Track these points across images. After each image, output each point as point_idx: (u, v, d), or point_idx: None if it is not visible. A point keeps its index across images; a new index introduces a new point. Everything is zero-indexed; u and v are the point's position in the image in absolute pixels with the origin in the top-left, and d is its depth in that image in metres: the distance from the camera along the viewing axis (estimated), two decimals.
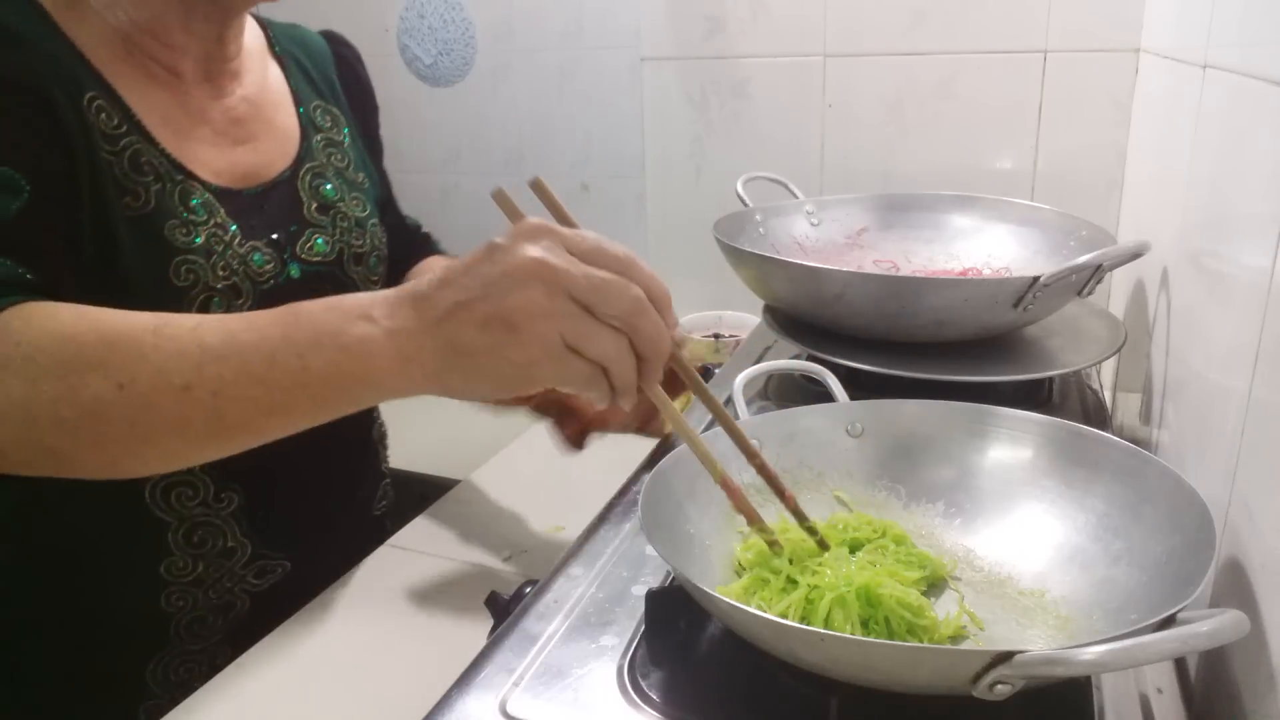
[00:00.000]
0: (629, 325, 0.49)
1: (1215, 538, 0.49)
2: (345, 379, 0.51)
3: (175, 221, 0.70)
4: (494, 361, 0.49)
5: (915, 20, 1.28)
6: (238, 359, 0.52)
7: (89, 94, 0.67)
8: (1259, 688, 0.52)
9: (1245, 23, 0.66)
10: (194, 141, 0.75)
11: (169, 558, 0.75)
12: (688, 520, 0.60)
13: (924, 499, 0.65)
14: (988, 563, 0.61)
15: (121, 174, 0.68)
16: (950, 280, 0.87)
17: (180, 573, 0.75)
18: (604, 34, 1.49)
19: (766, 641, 0.49)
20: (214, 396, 0.51)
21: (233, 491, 0.76)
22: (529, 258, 0.48)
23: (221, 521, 0.76)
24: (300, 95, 0.87)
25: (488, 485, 0.98)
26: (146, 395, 0.51)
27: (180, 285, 0.69)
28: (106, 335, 0.53)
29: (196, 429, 0.53)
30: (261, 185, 0.79)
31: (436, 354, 0.50)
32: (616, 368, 0.49)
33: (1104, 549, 0.57)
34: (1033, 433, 0.65)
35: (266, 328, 0.52)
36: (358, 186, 0.88)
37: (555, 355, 0.48)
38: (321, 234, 0.81)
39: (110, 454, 0.54)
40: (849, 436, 0.68)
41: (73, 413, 0.51)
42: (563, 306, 0.47)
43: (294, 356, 0.51)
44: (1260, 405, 0.55)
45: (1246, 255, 0.60)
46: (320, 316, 0.52)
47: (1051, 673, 0.40)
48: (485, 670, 0.54)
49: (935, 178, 1.32)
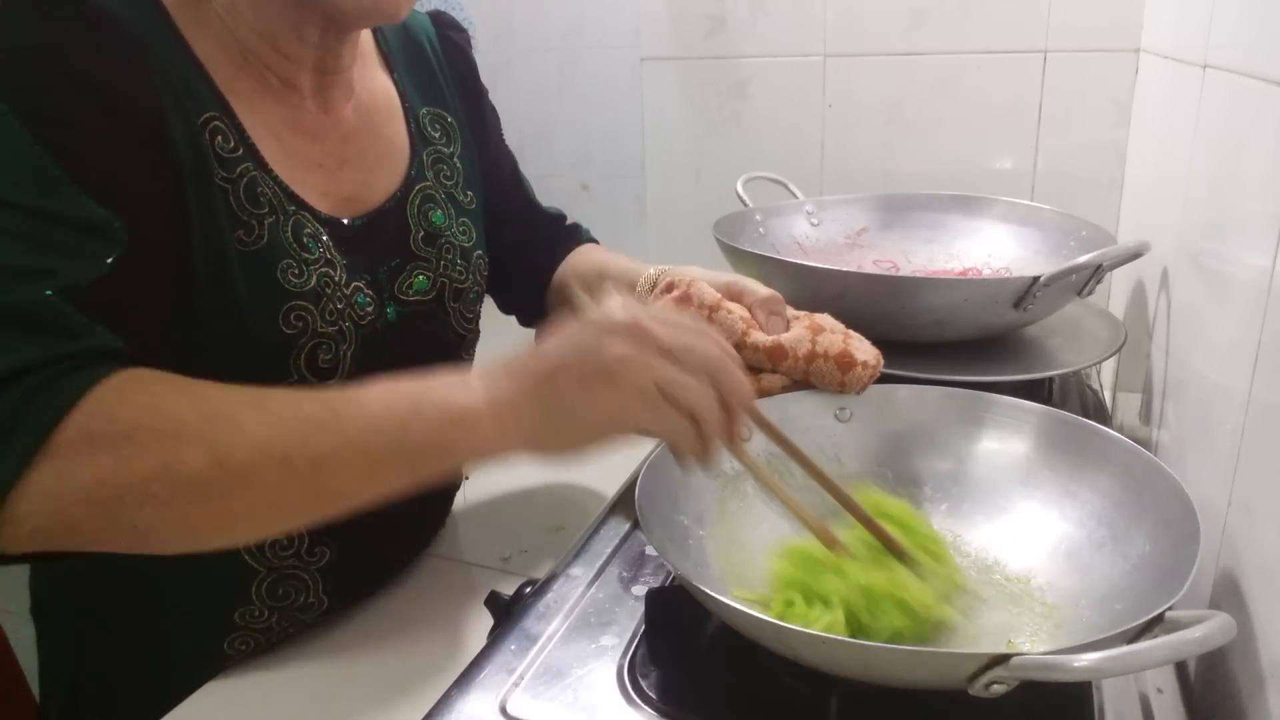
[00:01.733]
0: (714, 376, 0.53)
1: (1199, 533, 0.50)
2: (445, 446, 0.53)
3: (289, 261, 0.65)
4: (591, 414, 0.52)
5: (915, 20, 1.28)
6: (339, 429, 0.51)
7: (207, 114, 0.62)
8: (1258, 687, 0.52)
9: (1245, 23, 0.66)
10: (304, 164, 0.70)
11: (246, 606, 0.71)
12: (680, 511, 0.60)
13: (911, 484, 0.66)
14: (974, 548, 0.62)
15: (236, 204, 0.63)
16: (950, 280, 0.87)
17: (253, 620, 0.72)
18: (604, 34, 1.49)
19: (768, 641, 0.49)
20: (313, 468, 0.51)
21: (326, 546, 0.73)
22: (620, 319, 0.53)
23: (309, 575, 0.73)
24: (409, 101, 0.79)
25: (488, 485, 0.98)
26: (245, 469, 0.50)
27: (289, 333, 0.65)
28: (205, 410, 0.51)
29: (292, 501, 0.52)
30: (368, 213, 0.73)
31: (538, 417, 0.52)
32: (706, 414, 0.52)
33: (1089, 537, 0.58)
34: (1023, 420, 0.65)
35: (366, 398, 0.53)
36: (466, 210, 0.82)
37: (650, 402, 0.51)
38: (424, 270, 0.75)
39: (197, 530, 0.52)
40: (838, 422, 0.68)
41: (166, 490, 0.49)
42: (654, 357, 0.52)
43: (396, 426, 0.52)
44: (1260, 405, 0.55)
45: (1246, 255, 0.60)
46: (421, 387, 0.53)
47: (1046, 677, 0.40)
48: (485, 670, 0.54)
49: (935, 178, 1.32)
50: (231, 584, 0.70)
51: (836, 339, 0.69)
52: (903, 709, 0.50)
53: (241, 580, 0.70)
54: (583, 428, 0.53)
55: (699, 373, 0.52)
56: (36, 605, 0.80)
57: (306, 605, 0.73)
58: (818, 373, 0.69)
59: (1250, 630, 0.53)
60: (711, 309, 0.71)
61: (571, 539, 0.70)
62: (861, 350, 0.69)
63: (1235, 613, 0.56)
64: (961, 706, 0.48)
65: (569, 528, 0.88)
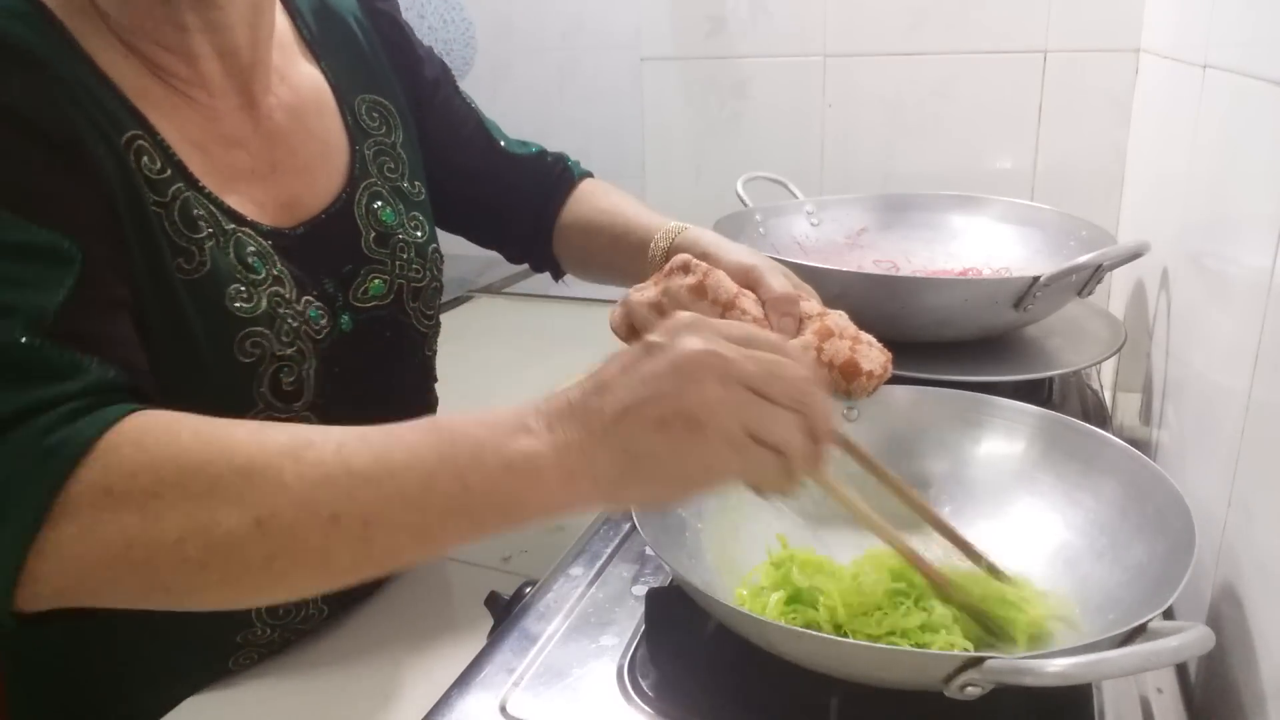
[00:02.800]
0: (802, 405, 0.47)
1: (1194, 545, 0.50)
2: (508, 500, 0.46)
3: (236, 286, 0.61)
4: (677, 463, 0.45)
5: (915, 20, 1.28)
6: (392, 484, 0.45)
7: (128, 133, 0.58)
8: (1258, 688, 0.52)
9: (1245, 23, 0.66)
10: (233, 174, 0.64)
11: (248, 629, 0.69)
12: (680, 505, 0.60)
13: (918, 485, 0.66)
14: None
15: (173, 229, 0.58)
16: (950, 280, 0.87)
17: (256, 639, 0.70)
18: (604, 34, 1.49)
19: (751, 636, 0.49)
20: (365, 526, 0.45)
21: None
22: (697, 350, 0.45)
23: None
24: (341, 91, 0.74)
25: None
26: (290, 529, 0.45)
27: (247, 361, 0.61)
28: (239, 463, 0.45)
29: (341, 562, 0.46)
30: (310, 219, 0.68)
31: (612, 464, 0.45)
32: (795, 450, 0.47)
33: (1089, 545, 0.58)
34: (1026, 424, 0.65)
35: (418, 446, 0.46)
36: (415, 202, 0.76)
37: (740, 447, 0.45)
38: (379, 273, 0.71)
39: (236, 592, 0.47)
40: (845, 421, 0.68)
41: (202, 552, 0.44)
42: (740, 395, 0.45)
43: (453, 478, 0.45)
44: (1260, 405, 0.55)
45: (1246, 255, 0.60)
46: (476, 432, 0.47)
47: (1018, 681, 0.41)
48: (485, 670, 0.54)
49: (935, 178, 1.32)
50: (230, 611, 0.66)
51: (844, 346, 0.69)
52: (903, 710, 0.50)
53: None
54: (668, 479, 0.46)
55: (787, 403, 0.46)
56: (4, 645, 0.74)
57: (307, 617, 0.73)
58: (821, 380, 0.68)
59: (1250, 631, 0.53)
60: (726, 307, 0.71)
61: (571, 539, 0.70)
62: (868, 359, 0.68)
63: (1234, 613, 0.56)
64: (962, 708, 0.48)
65: (569, 528, 0.87)
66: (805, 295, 0.70)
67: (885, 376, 0.69)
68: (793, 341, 0.70)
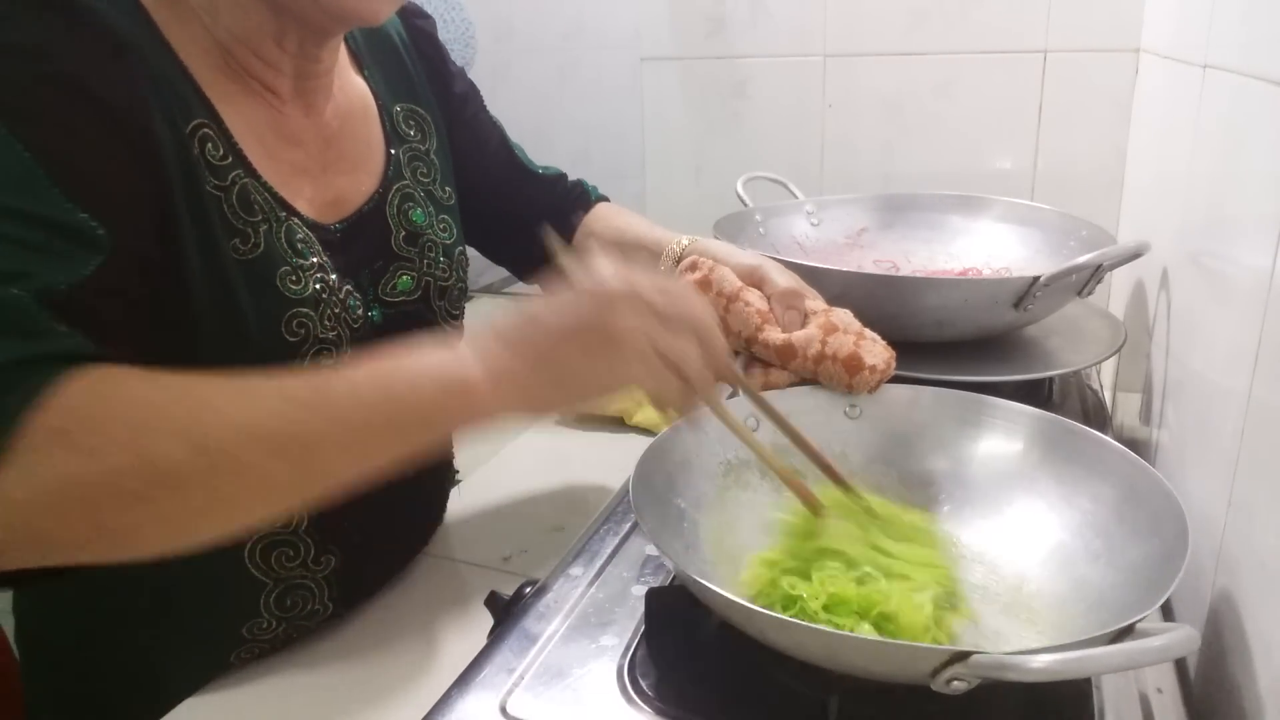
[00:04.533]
0: (700, 337, 0.56)
1: (1187, 548, 0.50)
2: (441, 411, 0.52)
3: (286, 269, 0.64)
4: (594, 376, 0.54)
5: (915, 20, 1.28)
6: (328, 407, 0.50)
7: (195, 121, 0.61)
8: (1258, 688, 0.52)
9: (1245, 23, 0.66)
10: (290, 170, 0.68)
11: (254, 619, 0.70)
12: (678, 495, 0.61)
13: (917, 484, 0.67)
14: (971, 552, 0.62)
15: (231, 212, 0.62)
16: (950, 280, 0.87)
17: (261, 633, 0.71)
18: (604, 34, 1.49)
19: (740, 624, 0.50)
20: (304, 448, 0.49)
21: (331, 553, 0.72)
22: (618, 290, 0.54)
23: (315, 584, 0.72)
24: (382, 99, 0.78)
25: (488, 485, 0.98)
26: (229, 454, 0.47)
27: (292, 340, 0.64)
28: (180, 396, 0.48)
29: (281, 484, 0.50)
30: (349, 216, 0.72)
31: (538, 384, 0.54)
32: (693, 372, 0.56)
33: (1085, 546, 0.58)
34: (1025, 425, 0.65)
35: (354, 375, 0.51)
36: (445, 206, 0.81)
37: (648, 364, 0.54)
38: (408, 270, 0.75)
39: (178, 527, 0.48)
40: (846, 419, 0.68)
41: (141, 484, 0.46)
42: (650, 322, 0.54)
43: (388, 397, 0.51)
44: (1260, 406, 0.55)
45: (1246, 255, 0.60)
46: (408, 359, 0.53)
47: (1003, 676, 0.41)
48: (485, 670, 0.54)
49: (935, 178, 1.32)
50: (239, 598, 0.69)
51: (848, 340, 0.69)
52: (902, 709, 0.50)
53: (249, 594, 0.69)
54: (581, 388, 0.55)
55: (689, 334, 0.55)
56: (22, 631, 0.77)
57: (312, 612, 0.73)
58: (825, 374, 0.69)
59: (1250, 631, 0.54)
60: (730, 299, 0.72)
61: (571, 539, 0.70)
62: (872, 354, 0.69)
63: (1234, 614, 0.56)
64: (961, 707, 0.48)
65: (569, 528, 0.87)
66: (810, 294, 0.75)
67: (889, 373, 0.69)
68: (797, 334, 0.71)
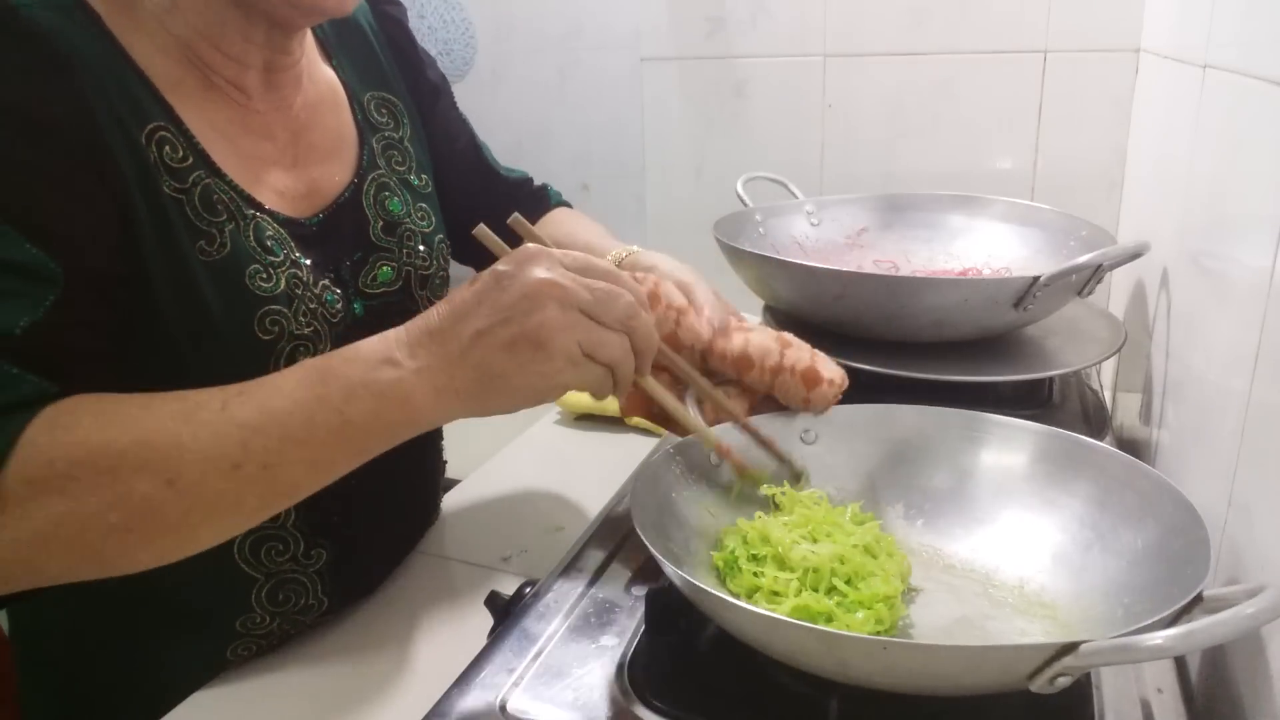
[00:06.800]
0: (628, 327, 0.56)
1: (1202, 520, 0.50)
2: (384, 423, 0.54)
3: (255, 266, 0.64)
4: (524, 377, 0.54)
5: (915, 20, 1.28)
6: (277, 428, 0.52)
7: (151, 124, 0.60)
8: (1259, 688, 0.52)
9: (1245, 23, 0.66)
10: (258, 164, 0.68)
11: (247, 614, 0.70)
12: (676, 504, 0.61)
13: (883, 502, 0.66)
14: (959, 560, 0.61)
15: (194, 214, 0.61)
16: (950, 280, 0.87)
17: (255, 627, 0.71)
18: (604, 34, 1.49)
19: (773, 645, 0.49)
20: (264, 469, 0.52)
21: (321, 547, 0.72)
22: (540, 279, 0.53)
23: (307, 578, 0.72)
24: (352, 88, 0.77)
25: (488, 485, 0.98)
26: (198, 484, 0.51)
27: (265, 338, 0.64)
28: (139, 435, 0.51)
29: (250, 502, 0.54)
30: (324, 209, 0.72)
31: (470, 382, 0.54)
32: (622, 366, 0.56)
33: (1074, 539, 0.58)
34: (1025, 440, 0.65)
35: (295, 391, 0.53)
36: (422, 194, 0.80)
37: (575, 362, 0.54)
38: (387, 260, 0.74)
39: (162, 546, 0.53)
40: (803, 444, 0.68)
41: (124, 518, 0.50)
42: (576, 319, 0.54)
43: (332, 413, 0.53)
44: (1260, 406, 0.55)
45: (1246, 255, 0.60)
46: (345, 370, 0.54)
47: (1122, 660, 0.40)
48: (485, 670, 0.54)
49: (935, 178, 1.32)
50: (231, 594, 0.70)
51: (804, 354, 0.69)
52: (903, 710, 0.50)
53: (240, 589, 0.70)
54: (518, 391, 0.54)
55: (616, 326, 0.55)
56: (16, 629, 0.78)
57: (307, 607, 0.73)
58: (783, 386, 0.68)
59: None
60: (681, 311, 0.71)
61: (571, 539, 0.70)
62: (828, 368, 0.69)
63: None
64: (962, 707, 0.48)
65: (569, 528, 0.87)
66: (738, 315, 0.75)
67: (843, 388, 0.68)
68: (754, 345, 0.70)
